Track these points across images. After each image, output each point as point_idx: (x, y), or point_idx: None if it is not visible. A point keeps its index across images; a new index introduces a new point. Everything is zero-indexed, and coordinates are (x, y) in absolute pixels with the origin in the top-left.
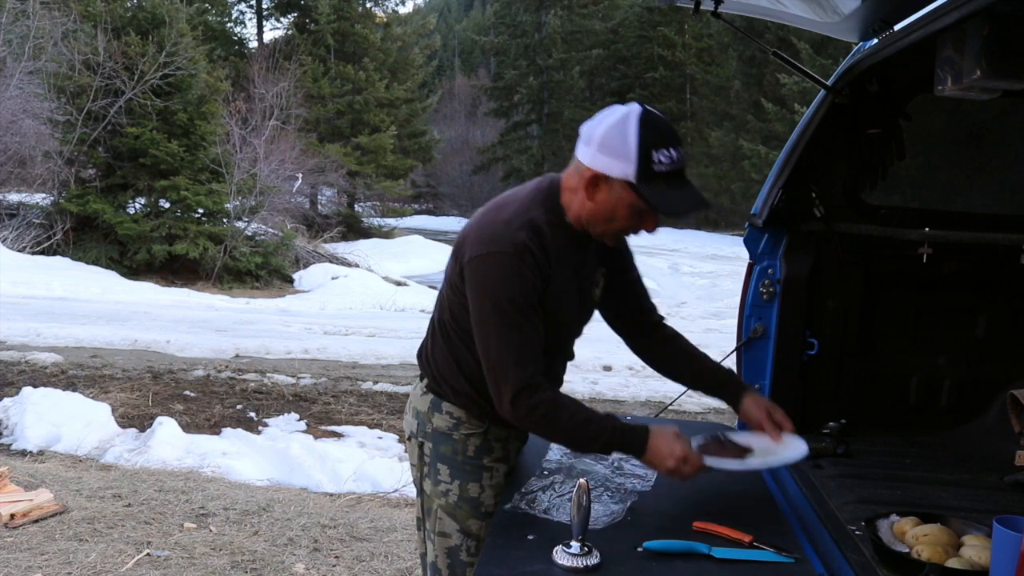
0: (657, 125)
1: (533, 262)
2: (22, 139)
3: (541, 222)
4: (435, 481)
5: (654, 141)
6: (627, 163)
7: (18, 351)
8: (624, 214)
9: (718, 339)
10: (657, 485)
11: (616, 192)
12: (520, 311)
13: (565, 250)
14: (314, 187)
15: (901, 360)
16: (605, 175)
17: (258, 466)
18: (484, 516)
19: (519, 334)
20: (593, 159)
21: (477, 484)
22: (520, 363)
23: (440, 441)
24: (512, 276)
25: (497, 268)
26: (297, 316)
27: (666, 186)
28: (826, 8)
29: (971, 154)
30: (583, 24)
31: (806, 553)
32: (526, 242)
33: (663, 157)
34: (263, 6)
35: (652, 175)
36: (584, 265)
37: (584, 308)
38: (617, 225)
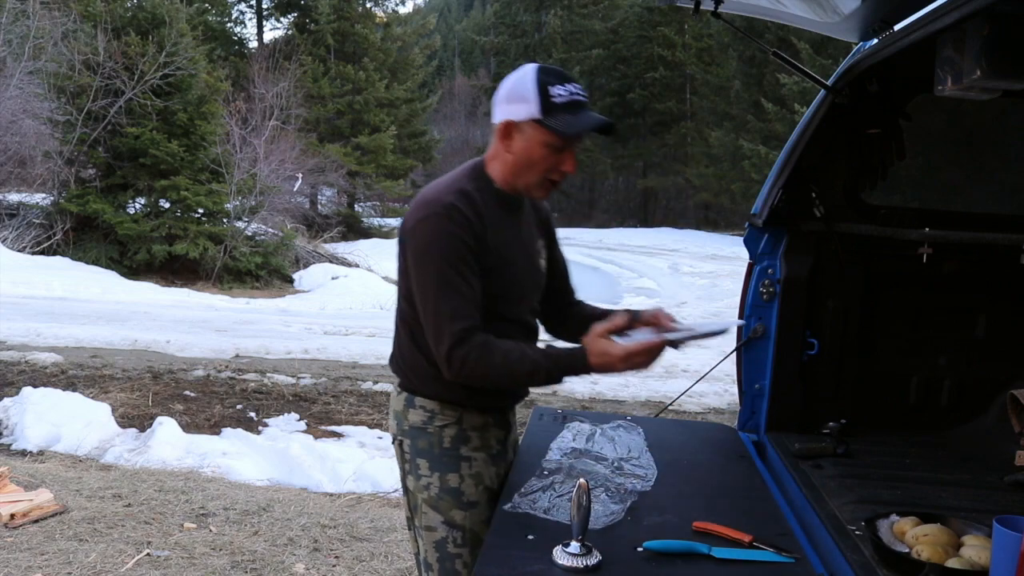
0: (551, 69)
1: (462, 219)
2: (22, 139)
3: (469, 188)
4: (416, 476)
5: (550, 80)
6: (529, 103)
7: (18, 351)
8: (540, 154)
9: (718, 339)
10: (657, 485)
11: (527, 134)
12: (452, 267)
13: (499, 215)
14: (314, 187)
15: (901, 360)
16: (514, 121)
17: (258, 466)
18: (467, 506)
19: (452, 291)
20: (501, 113)
21: (456, 474)
22: (453, 318)
23: (417, 436)
24: (442, 234)
25: (429, 229)
26: (297, 316)
27: (568, 114)
28: (826, 8)
29: (971, 154)
30: (583, 24)
31: (806, 553)
32: (453, 202)
33: (560, 91)
34: (263, 6)
35: (553, 107)
36: (524, 232)
37: (534, 276)
38: (538, 169)
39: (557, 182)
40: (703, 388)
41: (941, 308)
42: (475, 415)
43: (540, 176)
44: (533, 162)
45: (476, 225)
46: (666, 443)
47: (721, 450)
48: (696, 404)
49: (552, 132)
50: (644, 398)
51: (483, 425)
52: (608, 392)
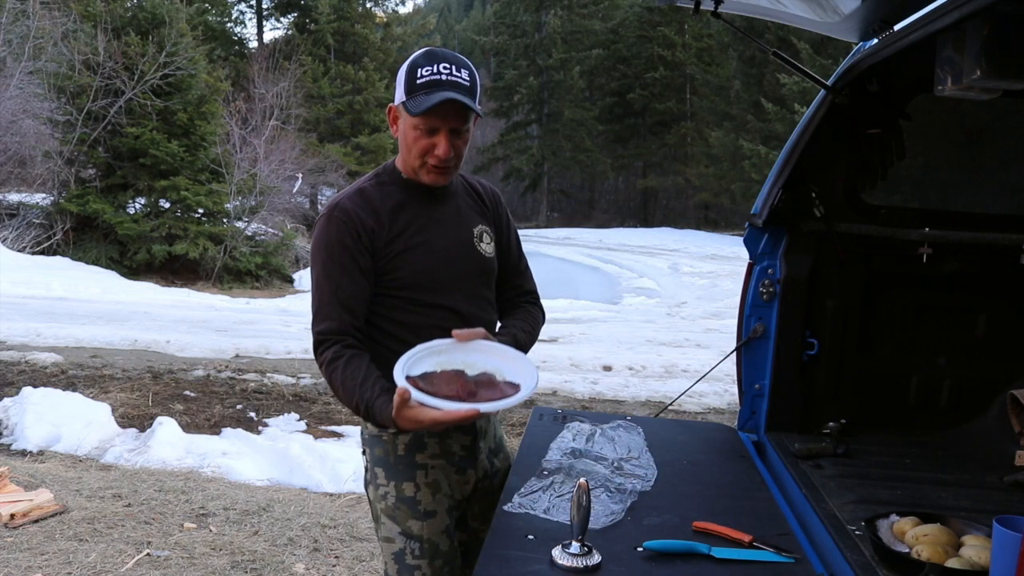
0: (431, 51)
1: (344, 219)
2: (22, 139)
3: (367, 186)
4: (375, 485)
5: (420, 62)
6: (400, 86)
7: (18, 351)
8: (412, 137)
9: (718, 339)
10: (657, 485)
11: (402, 117)
12: (324, 268)
13: (409, 203)
14: (314, 187)
15: (901, 360)
16: (394, 105)
17: (258, 466)
18: (424, 516)
19: (320, 291)
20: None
21: (412, 483)
22: (318, 317)
23: (374, 444)
24: (320, 234)
25: (315, 233)
26: (297, 316)
27: (424, 94)
28: (826, 8)
29: (971, 154)
30: (583, 24)
31: (806, 553)
32: (338, 202)
33: (425, 71)
34: (263, 6)
35: (414, 88)
36: (449, 217)
37: (466, 259)
38: (415, 152)
39: (438, 166)
40: (703, 388)
41: (941, 308)
42: None
43: (419, 158)
44: (409, 144)
45: (364, 220)
46: (666, 443)
47: (721, 450)
48: (696, 404)
49: (406, 111)
50: (644, 398)
51: (442, 431)
52: (608, 392)
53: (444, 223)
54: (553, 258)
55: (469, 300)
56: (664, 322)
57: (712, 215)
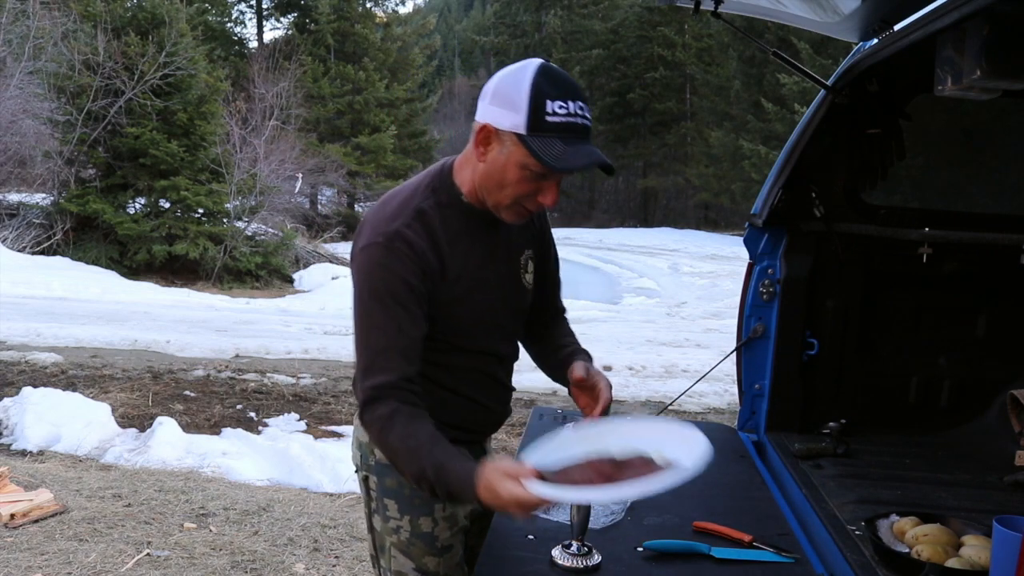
0: (556, 76)
1: (407, 252)
2: (22, 139)
3: (427, 207)
4: (384, 517)
5: (549, 91)
6: (517, 112)
7: (18, 351)
8: (515, 176)
9: (718, 339)
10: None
11: (507, 148)
12: (383, 307)
13: (467, 233)
14: (314, 187)
15: (901, 360)
16: (495, 127)
17: (258, 466)
18: (441, 551)
19: (377, 335)
20: (484, 112)
21: (429, 518)
22: (373, 369)
23: (385, 474)
24: (376, 267)
25: (366, 261)
26: (297, 316)
27: (559, 140)
28: (826, 8)
29: (971, 154)
30: (583, 24)
31: (806, 553)
32: (400, 230)
33: (558, 108)
34: (263, 6)
35: (543, 126)
36: (501, 248)
37: (514, 296)
38: (509, 192)
39: (531, 211)
40: (703, 388)
41: (941, 308)
42: None
43: (511, 200)
44: (506, 182)
45: (428, 255)
46: None
47: (721, 450)
48: (696, 404)
49: (534, 157)
50: (644, 398)
51: None
52: None
53: (497, 256)
54: None
55: (508, 340)
56: (664, 322)
57: (712, 215)
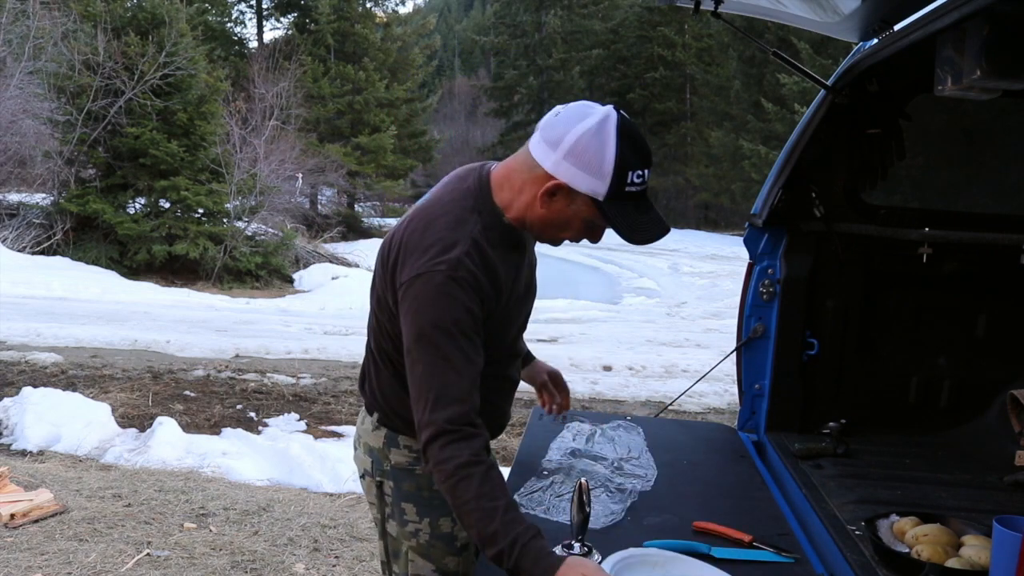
0: (635, 140)
1: (471, 280)
2: (22, 139)
3: (479, 234)
4: (401, 522)
5: (632, 161)
6: (600, 181)
7: (18, 351)
8: (578, 226)
9: (718, 339)
10: (657, 485)
11: (577, 205)
12: (450, 339)
13: (507, 251)
14: (314, 187)
15: (901, 360)
16: (569, 187)
17: (258, 466)
18: (461, 551)
19: (446, 366)
20: (558, 167)
21: (449, 518)
22: (441, 402)
23: (402, 478)
24: (442, 297)
25: (427, 291)
26: (297, 316)
27: (634, 208)
28: (826, 8)
29: (971, 154)
30: (583, 24)
31: (806, 553)
32: (460, 258)
33: (636, 178)
34: (263, 6)
35: (623, 194)
36: (525, 260)
37: (530, 301)
38: (566, 235)
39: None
40: (703, 388)
41: (941, 308)
42: None
43: (563, 238)
44: (566, 228)
45: (484, 282)
46: (666, 443)
47: (721, 450)
48: (696, 404)
49: (610, 223)
50: (644, 398)
51: None
52: (608, 392)
53: (523, 268)
54: (553, 258)
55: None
56: (664, 322)
57: (712, 215)
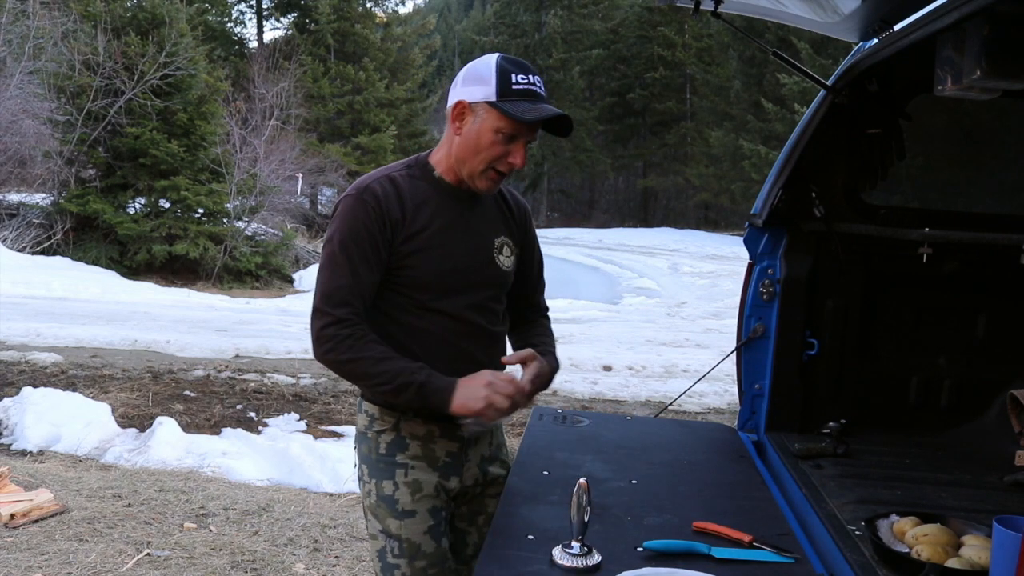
0: (515, 59)
1: (374, 203)
2: (22, 139)
3: (397, 174)
4: (362, 483)
5: (512, 68)
6: (487, 85)
7: (18, 351)
8: (488, 139)
9: (718, 339)
10: (657, 485)
11: (480, 116)
12: (345, 250)
13: (436, 201)
14: (314, 187)
15: (901, 360)
16: (468, 102)
17: (258, 466)
18: (403, 515)
19: (340, 273)
20: (457, 93)
21: (391, 482)
22: (334, 300)
23: (361, 441)
24: (347, 216)
25: (339, 210)
26: (297, 316)
27: (525, 101)
28: (826, 8)
29: (971, 154)
30: (583, 24)
31: (806, 553)
32: (370, 185)
33: (520, 78)
34: (263, 6)
35: (511, 92)
36: (472, 222)
37: (483, 269)
38: (484, 156)
39: (503, 173)
40: (703, 388)
41: (941, 308)
42: (416, 423)
43: (486, 164)
44: (481, 147)
45: (392, 209)
46: (666, 443)
47: (721, 450)
48: (696, 404)
49: (505, 116)
50: (644, 398)
51: (426, 435)
52: (608, 392)
53: (466, 228)
54: (553, 258)
55: (475, 310)
56: (664, 322)
57: (712, 215)
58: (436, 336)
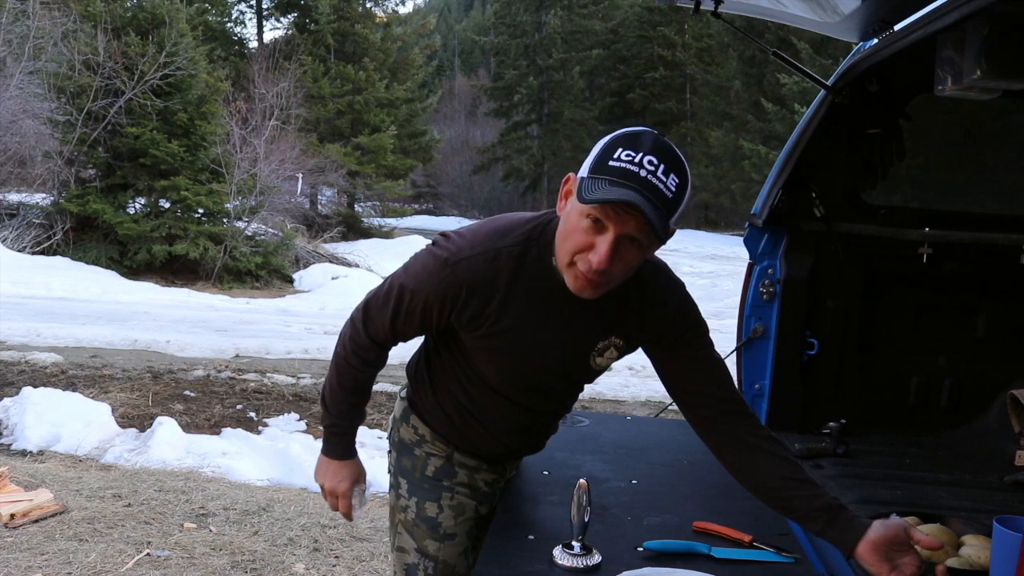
0: (643, 135)
1: (454, 283)
2: (22, 139)
3: (511, 254)
4: (396, 494)
5: (624, 142)
6: (589, 160)
7: (18, 351)
8: (573, 224)
9: (718, 339)
10: (657, 485)
11: (573, 196)
12: (401, 301)
13: (538, 296)
14: (314, 187)
15: (901, 360)
16: (576, 176)
17: (258, 466)
18: (444, 538)
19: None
20: None
21: (435, 504)
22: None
23: (403, 453)
24: (422, 273)
25: (419, 255)
26: (297, 316)
27: (608, 183)
28: (826, 8)
29: (971, 154)
30: (583, 24)
31: (806, 553)
32: (464, 260)
33: (624, 155)
34: (263, 6)
35: (605, 169)
36: (578, 327)
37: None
38: (570, 244)
39: (588, 276)
40: None
41: (941, 308)
42: (467, 456)
43: (569, 255)
44: (566, 232)
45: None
46: (666, 443)
47: None
48: None
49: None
50: (644, 398)
51: (474, 467)
52: (608, 392)
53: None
54: None
55: (551, 401)
56: None
57: (712, 215)
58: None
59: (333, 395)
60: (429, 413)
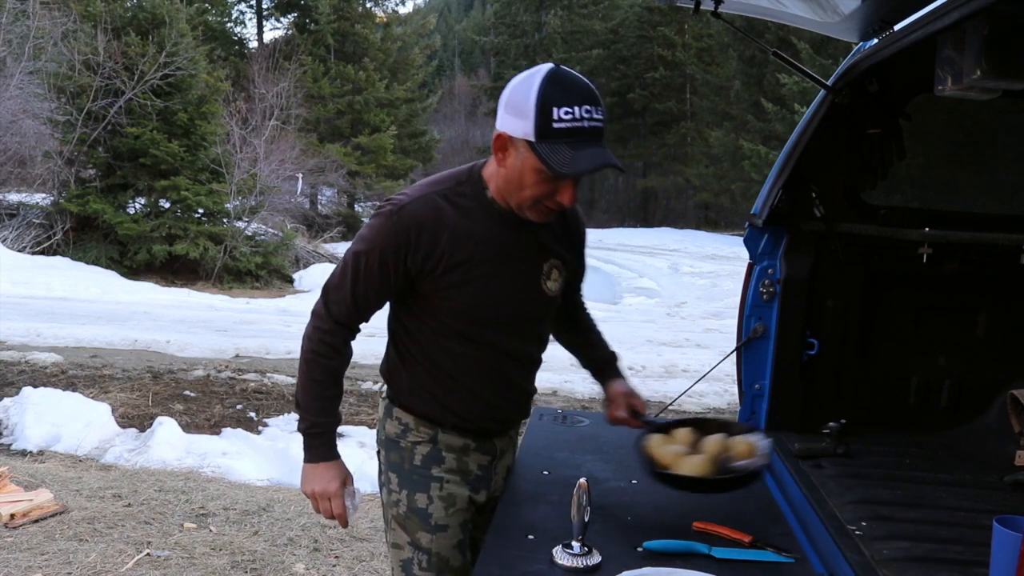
0: (563, 81)
1: (404, 232)
2: (22, 139)
3: (446, 194)
4: (388, 490)
5: (556, 98)
6: (526, 120)
7: (18, 351)
8: (531, 179)
9: (718, 339)
10: (657, 484)
11: (521, 154)
12: (358, 262)
13: (484, 227)
14: (314, 187)
15: (901, 360)
16: (509, 135)
17: (258, 466)
18: (435, 529)
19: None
20: (501, 121)
21: (425, 495)
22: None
23: (390, 448)
24: (374, 232)
25: (372, 222)
26: (297, 316)
27: (567, 146)
28: (826, 8)
29: (971, 154)
30: (583, 24)
31: (806, 553)
32: (409, 205)
33: (564, 114)
34: (263, 6)
35: (551, 132)
36: (522, 249)
37: (529, 298)
38: (528, 193)
39: (553, 210)
40: (703, 388)
41: (941, 308)
42: (453, 436)
43: (531, 200)
44: (524, 185)
45: (425, 241)
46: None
47: None
48: (696, 404)
49: (543, 163)
50: (644, 398)
51: (462, 447)
52: None
53: (513, 257)
54: None
55: (517, 337)
56: (664, 322)
57: (712, 215)
58: (475, 361)
59: (307, 393)
60: (408, 395)
